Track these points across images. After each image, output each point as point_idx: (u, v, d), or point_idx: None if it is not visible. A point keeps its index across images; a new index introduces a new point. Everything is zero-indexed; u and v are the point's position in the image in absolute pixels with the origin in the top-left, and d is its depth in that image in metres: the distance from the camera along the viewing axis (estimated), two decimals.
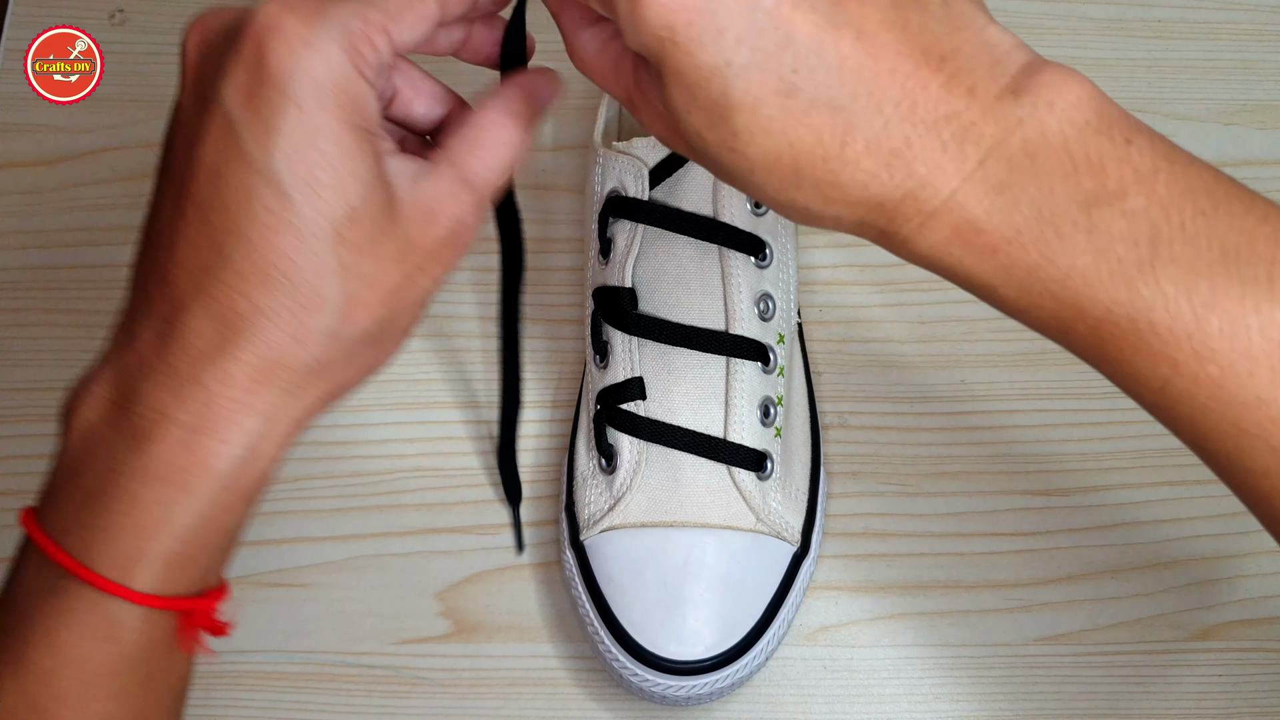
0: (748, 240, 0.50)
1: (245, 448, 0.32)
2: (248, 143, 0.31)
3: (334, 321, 0.32)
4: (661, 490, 0.48)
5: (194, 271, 0.32)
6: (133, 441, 0.32)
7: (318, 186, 0.31)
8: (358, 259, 0.32)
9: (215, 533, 0.32)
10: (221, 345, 0.31)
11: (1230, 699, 0.52)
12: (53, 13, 0.63)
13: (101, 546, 0.31)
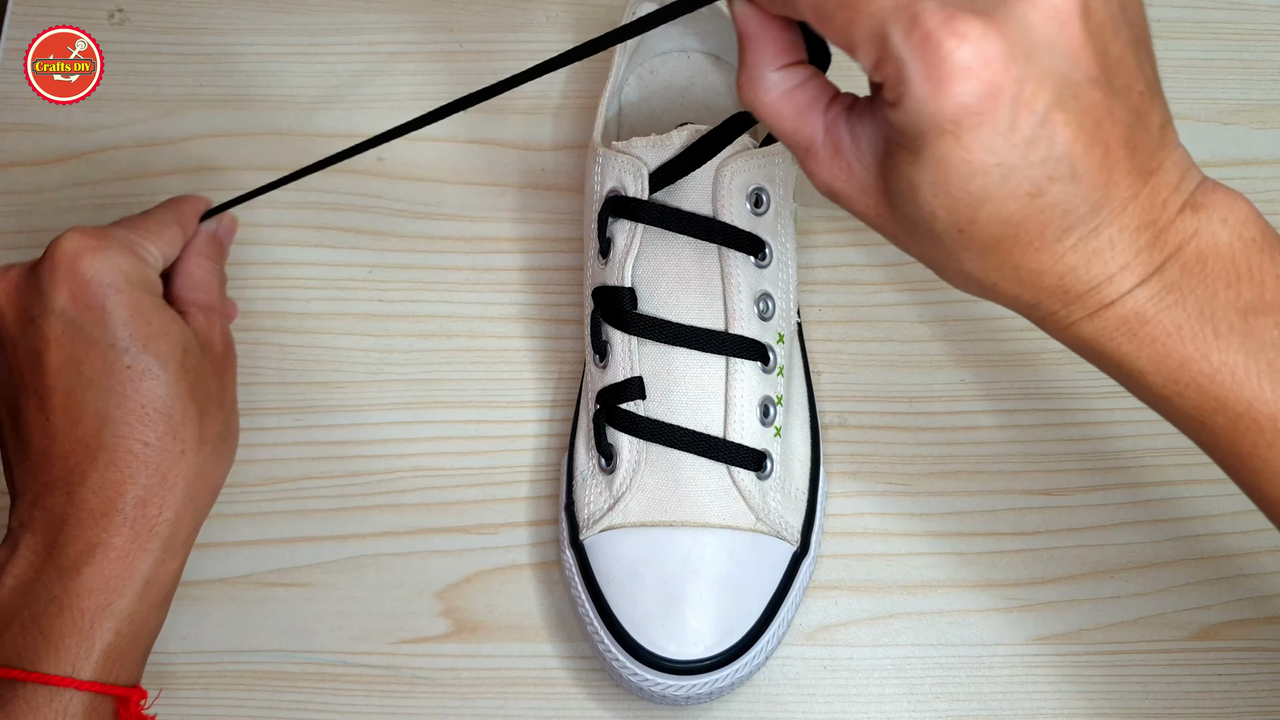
0: (747, 240, 0.50)
1: (156, 551, 0.41)
2: (90, 329, 0.40)
3: (199, 432, 0.42)
4: (661, 490, 0.48)
5: (81, 439, 0.40)
6: (68, 572, 0.39)
7: (157, 339, 0.41)
8: (199, 381, 0.42)
9: (142, 630, 0.40)
10: (127, 479, 0.40)
11: (1230, 699, 0.52)
12: (52, 12, 0.63)
13: (50, 655, 0.39)
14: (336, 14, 0.64)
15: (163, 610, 0.42)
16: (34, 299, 0.41)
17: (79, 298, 0.41)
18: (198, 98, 0.62)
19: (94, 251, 0.41)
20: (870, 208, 0.36)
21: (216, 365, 0.44)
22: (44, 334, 0.40)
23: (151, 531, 0.40)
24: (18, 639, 0.39)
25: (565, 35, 0.63)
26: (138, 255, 0.42)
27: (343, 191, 0.60)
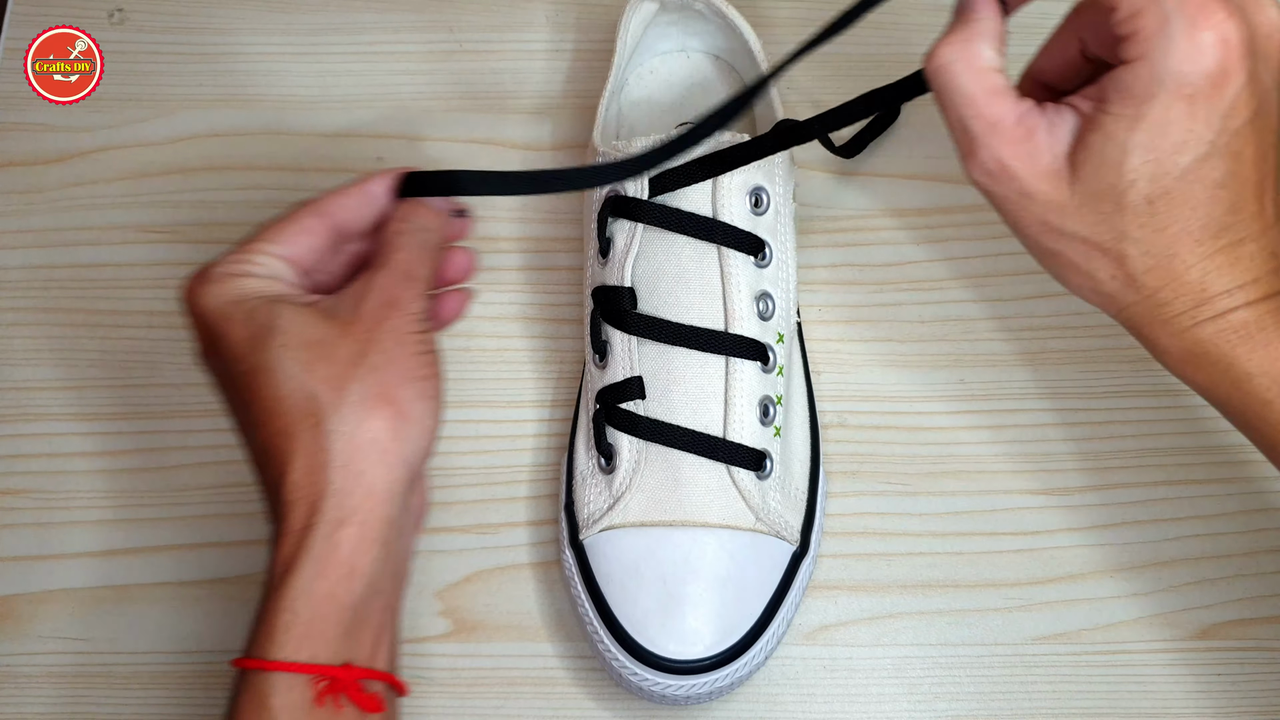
0: (747, 239, 0.50)
1: (325, 525, 0.40)
2: (213, 360, 0.43)
3: (324, 401, 0.40)
4: (661, 489, 0.48)
5: (251, 451, 0.43)
6: (270, 564, 0.41)
7: (257, 337, 0.41)
8: (313, 355, 0.41)
9: (328, 605, 0.39)
10: (276, 477, 0.41)
11: (1229, 698, 0.52)
12: (52, 12, 0.63)
13: (251, 644, 0.40)
14: (336, 13, 0.64)
15: (352, 584, 0.40)
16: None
17: (201, 337, 0.43)
18: (197, 97, 0.62)
19: (192, 293, 0.43)
20: (1043, 187, 0.40)
21: (356, 324, 0.41)
22: (212, 374, 0.44)
23: (314, 508, 0.40)
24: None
25: (565, 34, 0.63)
26: (234, 274, 0.43)
27: None
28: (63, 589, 0.54)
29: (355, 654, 0.40)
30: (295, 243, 0.44)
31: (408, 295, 0.43)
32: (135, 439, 0.56)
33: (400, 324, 0.42)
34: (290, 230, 0.44)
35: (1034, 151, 0.40)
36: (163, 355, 0.57)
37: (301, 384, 0.40)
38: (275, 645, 0.39)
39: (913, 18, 0.53)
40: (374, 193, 0.45)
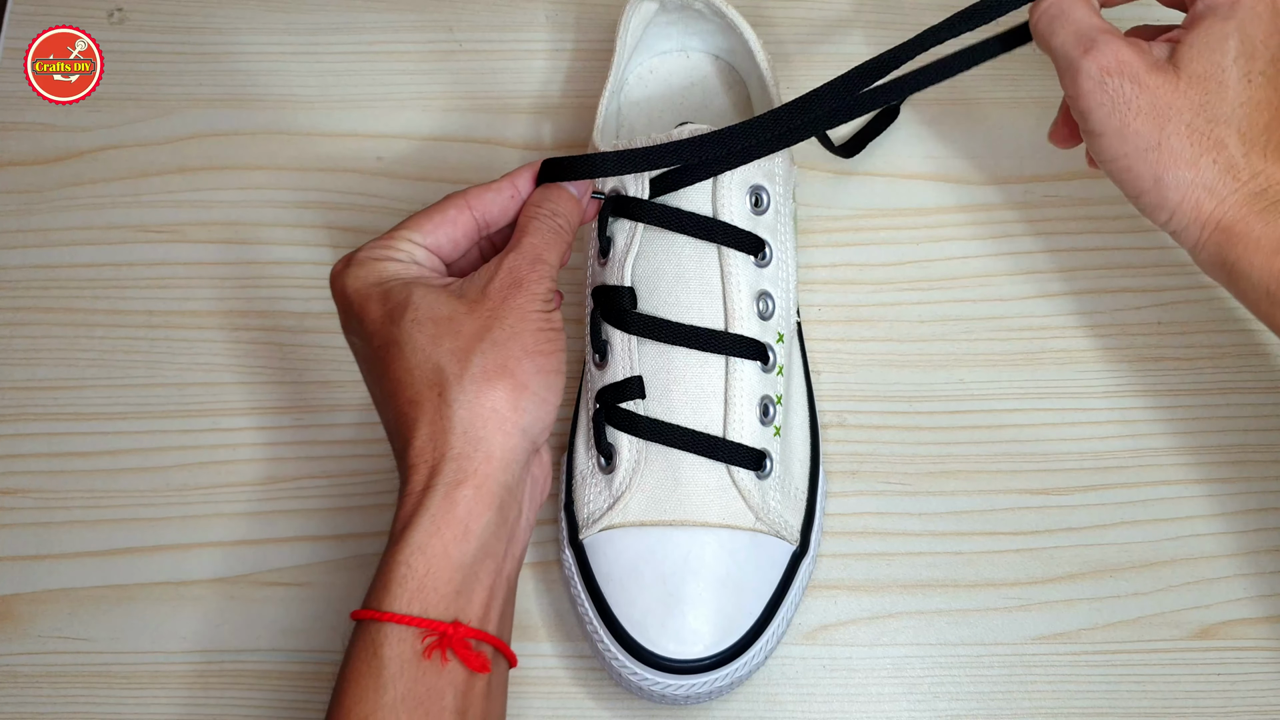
0: (747, 239, 0.50)
1: (441, 489, 0.42)
2: (355, 336, 0.46)
3: (449, 371, 0.43)
4: (660, 489, 0.48)
5: (385, 421, 0.46)
6: (393, 525, 0.43)
7: (391, 319, 0.44)
8: (440, 330, 0.44)
9: (442, 563, 0.42)
10: (402, 445, 0.44)
11: (1228, 698, 0.52)
12: (52, 11, 0.63)
13: (368, 595, 0.42)
14: (336, 13, 0.64)
15: (465, 543, 0.42)
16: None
17: (344, 314, 0.46)
18: (197, 97, 0.62)
19: (339, 275, 0.46)
20: (1154, 77, 0.45)
21: (483, 302, 0.44)
22: (352, 350, 0.47)
23: (435, 470, 0.42)
24: None
25: (565, 34, 0.63)
26: (378, 258, 0.46)
27: (343, 191, 0.60)
28: (62, 589, 0.54)
29: (466, 613, 0.42)
30: (437, 233, 0.47)
31: (534, 276, 0.45)
32: (135, 439, 0.56)
33: (524, 303, 0.45)
34: (433, 221, 0.47)
35: (1144, 51, 0.46)
36: (162, 355, 0.57)
37: (428, 356, 0.43)
38: (390, 597, 0.41)
39: (920, 17, 0.53)
40: (520, 189, 0.48)
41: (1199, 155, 0.45)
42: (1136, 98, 0.45)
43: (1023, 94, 0.62)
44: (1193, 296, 0.58)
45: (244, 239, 0.59)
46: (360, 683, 0.41)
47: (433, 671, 0.41)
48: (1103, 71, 0.46)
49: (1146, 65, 0.46)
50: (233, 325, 0.58)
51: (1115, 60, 0.46)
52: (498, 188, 0.48)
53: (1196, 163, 0.45)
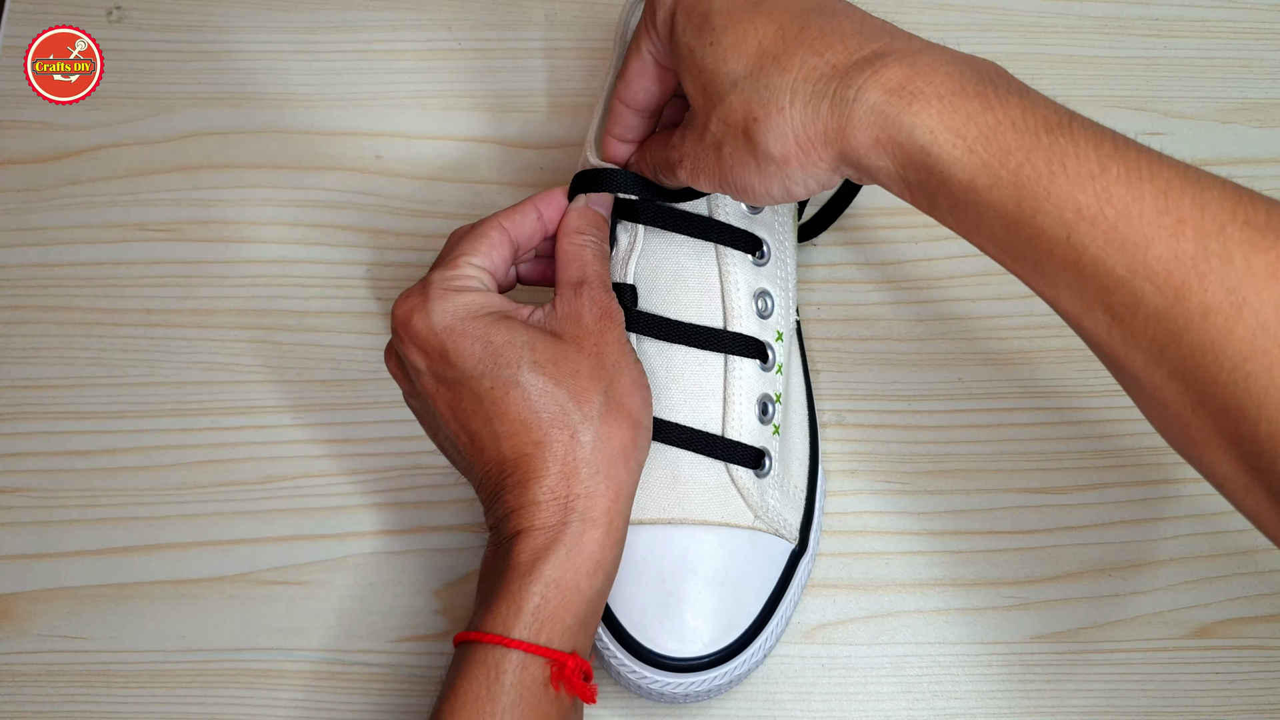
0: (744, 238, 0.50)
1: (575, 526, 0.43)
2: (449, 374, 0.45)
3: (574, 413, 0.44)
4: (659, 487, 0.48)
5: (494, 459, 0.45)
6: (506, 553, 0.44)
7: (501, 352, 0.44)
8: (558, 366, 0.44)
9: (571, 595, 0.43)
10: (518, 483, 0.44)
11: (1227, 696, 0.52)
12: (50, 9, 0.63)
13: (488, 617, 0.43)
14: (334, 12, 0.64)
15: (595, 578, 0.43)
16: (407, 367, 0.47)
17: (427, 353, 0.45)
18: (196, 95, 0.62)
19: (416, 310, 0.45)
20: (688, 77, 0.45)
21: (584, 339, 0.45)
22: (427, 390, 0.46)
23: (567, 508, 0.43)
24: (478, 609, 0.44)
25: (564, 33, 0.63)
26: (455, 289, 0.45)
27: (341, 190, 0.60)
28: (61, 587, 0.54)
29: (581, 646, 0.44)
30: (490, 256, 0.47)
31: (614, 305, 0.47)
32: (133, 437, 0.56)
33: (619, 333, 0.46)
34: (486, 243, 0.47)
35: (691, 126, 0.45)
36: (161, 354, 0.57)
37: (555, 398, 0.44)
38: (519, 625, 0.42)
39: (912, 16, 0.53)
40: (544, 213, 0.49)
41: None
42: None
43: None
44: None
45: (242, 237, 0.59)
46: (478, 705, 0.42)
47: (547, 699, 0.42)
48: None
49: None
50: (231, 324, 0.58)
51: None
52: (524, 211, 0.49)
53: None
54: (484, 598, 0.44)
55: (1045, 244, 0.37)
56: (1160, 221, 0.35)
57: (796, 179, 0.42)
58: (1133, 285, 0.35)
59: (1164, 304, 0.34)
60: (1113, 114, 0.62)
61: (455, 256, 0.46)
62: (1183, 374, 0.35)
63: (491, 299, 0.46)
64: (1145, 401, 0.37)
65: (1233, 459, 0.35)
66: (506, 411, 0.44)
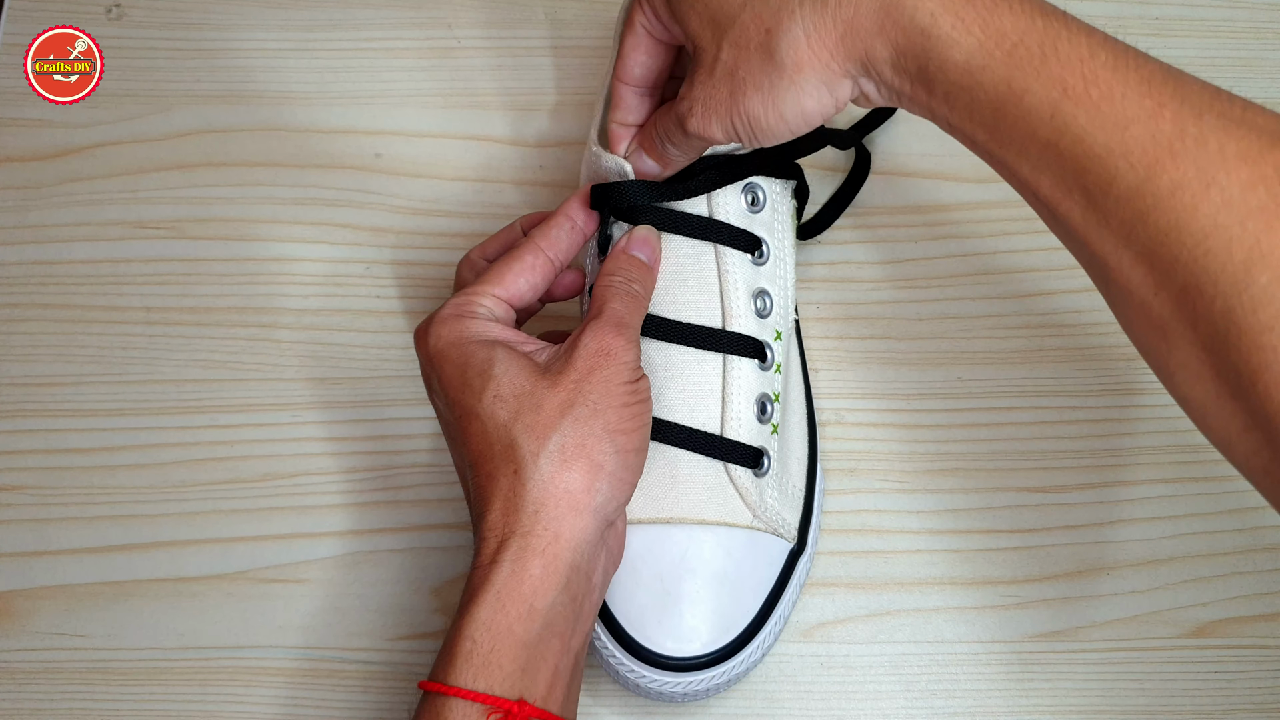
0: (743, 237, 0.50)
1: (508, 565, 0.42)
2: (437, 399, 0.46)
3: (524, 450, 0.43)
4: (658, 486, 0.48)
5: (465, 486, 0.46)
6: (464, 593, 0.43)
7: (471, 387, 0.44)
8: (520, 404, 0.43)
9: (506, 639, 0.41)
10: (479, 515, 0.43)
11: (1225, 695, 0.52)
12: (50, 7, 0.63)
13: (435, 666, 0.42)
14: (333, 9, 0.64)
15: (530, 623, 0.41)
16: None
17: (426, 373, 0.47)
18: (195, 93, 0.62)
19: (423, 332, 0.46)
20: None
21: (565, 376, 0.44)
22: (435, 407, 0.47)
23: (502, 546, 0.42)
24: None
25: (564, 31, 0.63)
26: (459, 314, 0.46)
27: (340, 188, 0.60)
28: (60, 585, 0.54)
29: (531, 692, 0.41)
30: (516, 284, 0.47)
31: (620, 343, 0.45)
32: (132, 435, 0.56)
33: (612, 374, 0.44)
34: (514, 272, 0.47)
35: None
36: (160, 351, 0.57)
37: (508, 432, 0.43)
38: (455, 671, 0.41)
39: None
40: (576, 219, 0.49)
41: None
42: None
43: None
44: None
45: (241, 235, 0.59)
46: None
47: None
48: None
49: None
50: (230, 322, 0.58)
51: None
52: (558, 224, 0.49)
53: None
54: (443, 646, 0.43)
55: (1030, 124, 0.38)
56: (1141, 104, 0.36)
57: (809, 90, 0.42)
58: (1109, 163, 0.36)
59: (1136, 181, 0.36)
60: None
61: (479, 285, 0.47)
62: (1148, 254, 0.36)
63: (490, 328, 0.45)
64: (1112, 290, 0.39)
65: (1189, 344, 0.36)
66: (468, 440, 0.44)
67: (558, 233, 0.49)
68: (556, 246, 0.48)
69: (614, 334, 0.45)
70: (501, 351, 0.44)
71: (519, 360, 0.44)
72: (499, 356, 0.44)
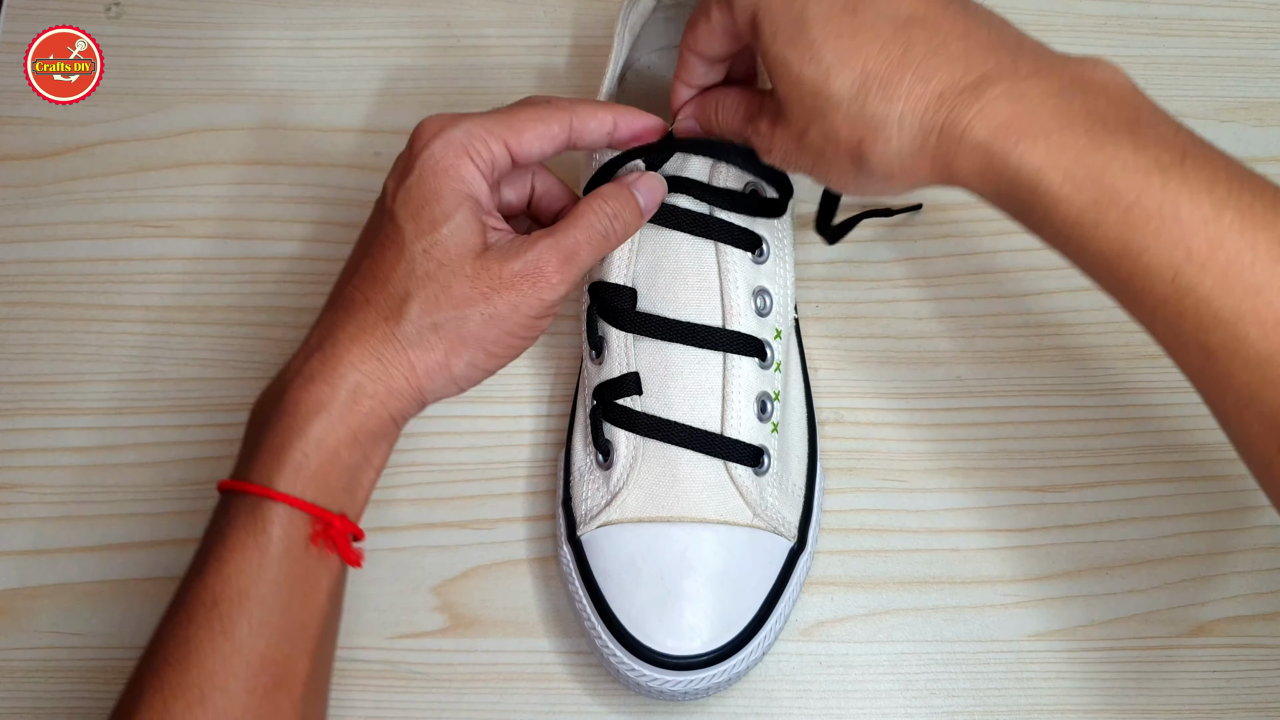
0: (744, 236, 0.50)
1: (346, 392, 0.42)
2: (387, 199, 0.46)
3: (415, 310, 0.43)
4: (658, 485, 0.48)
5: (343, 278, 0.46)
6: (276, 397, 0.43)
7: (418, 220, 0.44)
8: (438, 271, 0.43)
9: (334, 460, 0.42)
10: (336, 322, 0.44)
11: (1224, 695, 0.52)
12: (49, 6, 0.63)
13: (254, 469, 0.42)
14: (333, 8, 0.64)
15: (354, 451, 0.43)
16: (401, 156, 0.47)
17: (398, 171, 0.46)
18: (194, 92, 0.62)
19: (428, 132, 0.46)
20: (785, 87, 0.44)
21: (484, 270, 0.44)
22: (387, 187, 0.46)
23: (336, 373, 0.43)
24: (245, 455, 0.44)
25: (563, 31, 0.63)
26: (471, 147, 0.45)
27: (340, 186, 0.60)
28: (58, 583, 0.54)
29: (350, 510, 0.44)
30: (530, 146, 0.46)
31: (556, 277, 0.44)
32: (132, 434, 0.56)
33: (526, 300, 0.44)
34: (534, 133, 0.46)
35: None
36: (159, 350, 0.57)
37: (410, 283, 0.43)
38: (285, 480, 0.42)
39: None
40: (619, 128, 0.48)
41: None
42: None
43: None
44: None
45: (241, 234, 0.59)
46: (244, 555, 0.41)
47: (314, 558, 0.42)
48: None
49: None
50: (229, 320, 0.58)
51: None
52: (600, 119, 0.47)
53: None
54: (253, 444, 0.43)
55: (1148, 280, 0.36)
56: (1274, 270, 0.35)
57: (896, 190, 0.43)
58: (1237, 328, 0.35)
59: (1267, 350, 0.35)
60: None
61: (502, 123, 0.46)
62: (1272, 418, 0.35)
63: (477, 182, 0.45)
64: (1230, 432, 0.38)
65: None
66: (377, 253, 0.44)
67: (595, 124, 0.47)
68: (583, 130, 0.47)
69: (557, 264, 0.44)
70: (466, 212, 0.44)
71: (472, 230, 0.44)
72: (460, 217, 0.44)
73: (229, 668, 0.41)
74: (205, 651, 0.41)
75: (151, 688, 0.41)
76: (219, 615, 0.41)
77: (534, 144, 0.46)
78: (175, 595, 0.43)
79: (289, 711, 0.42)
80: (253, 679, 0.41)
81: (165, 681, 0.41)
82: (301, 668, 0.42)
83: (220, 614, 0.41)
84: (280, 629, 0.41)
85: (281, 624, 0.41)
